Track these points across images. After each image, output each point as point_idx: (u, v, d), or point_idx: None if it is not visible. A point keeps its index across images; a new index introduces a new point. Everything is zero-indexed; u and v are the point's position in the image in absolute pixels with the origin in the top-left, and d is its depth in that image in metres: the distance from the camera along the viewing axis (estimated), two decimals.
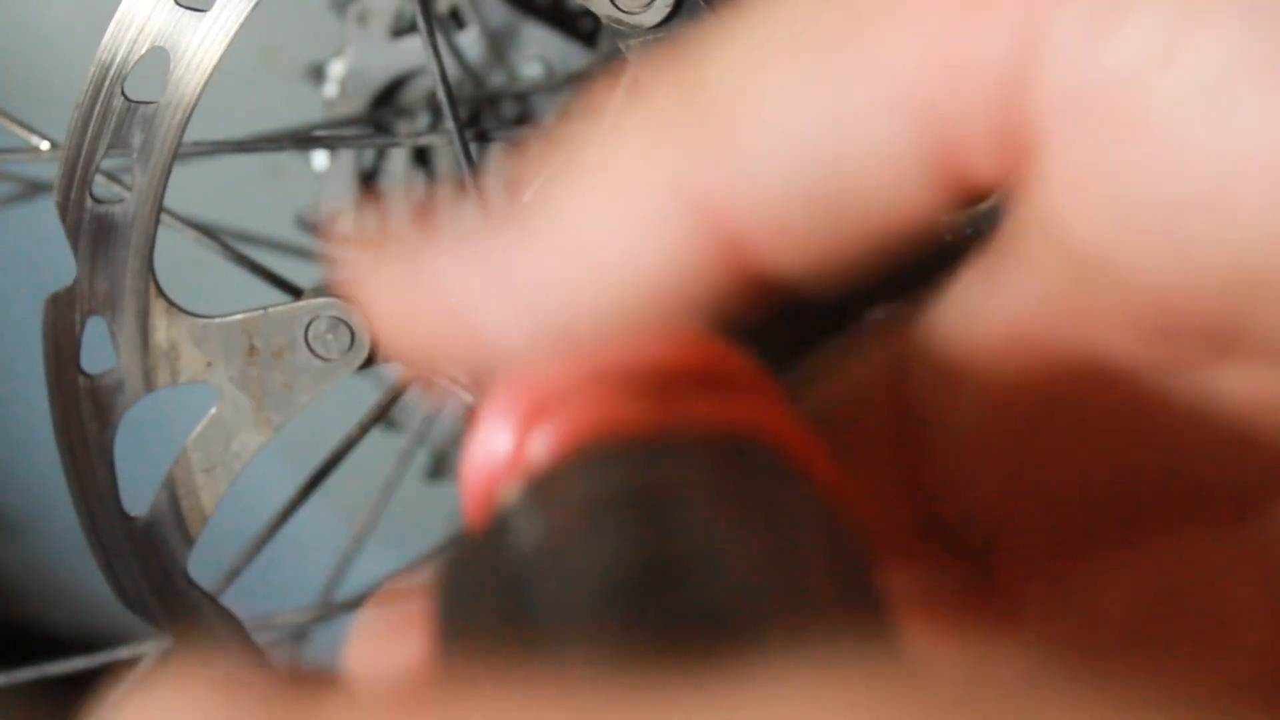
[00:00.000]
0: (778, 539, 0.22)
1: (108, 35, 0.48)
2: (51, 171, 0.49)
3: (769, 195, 0.24)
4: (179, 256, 0.56)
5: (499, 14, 0.81)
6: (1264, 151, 0.22)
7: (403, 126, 0.84)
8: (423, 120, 0.84)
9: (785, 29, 0.25)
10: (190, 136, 0.49)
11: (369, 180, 0.87)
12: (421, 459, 0.91)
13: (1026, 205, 0.25)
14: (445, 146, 0.81)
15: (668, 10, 0.48)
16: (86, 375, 0.50)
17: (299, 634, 0.89)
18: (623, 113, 0.26)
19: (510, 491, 0.25)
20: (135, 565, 0.51)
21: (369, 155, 0.87)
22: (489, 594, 0.22)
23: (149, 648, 0.57)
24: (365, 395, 0.64)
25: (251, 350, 0.50)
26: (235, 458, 0.50)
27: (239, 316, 0.50)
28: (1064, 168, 0.24)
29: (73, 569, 1.20)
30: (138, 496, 0.51)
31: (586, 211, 0.26)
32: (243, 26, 0.48)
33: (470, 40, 0.81)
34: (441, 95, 0.53)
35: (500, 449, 0.26)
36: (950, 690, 0.17)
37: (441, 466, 0.92)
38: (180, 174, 0.49)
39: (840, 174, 0.24)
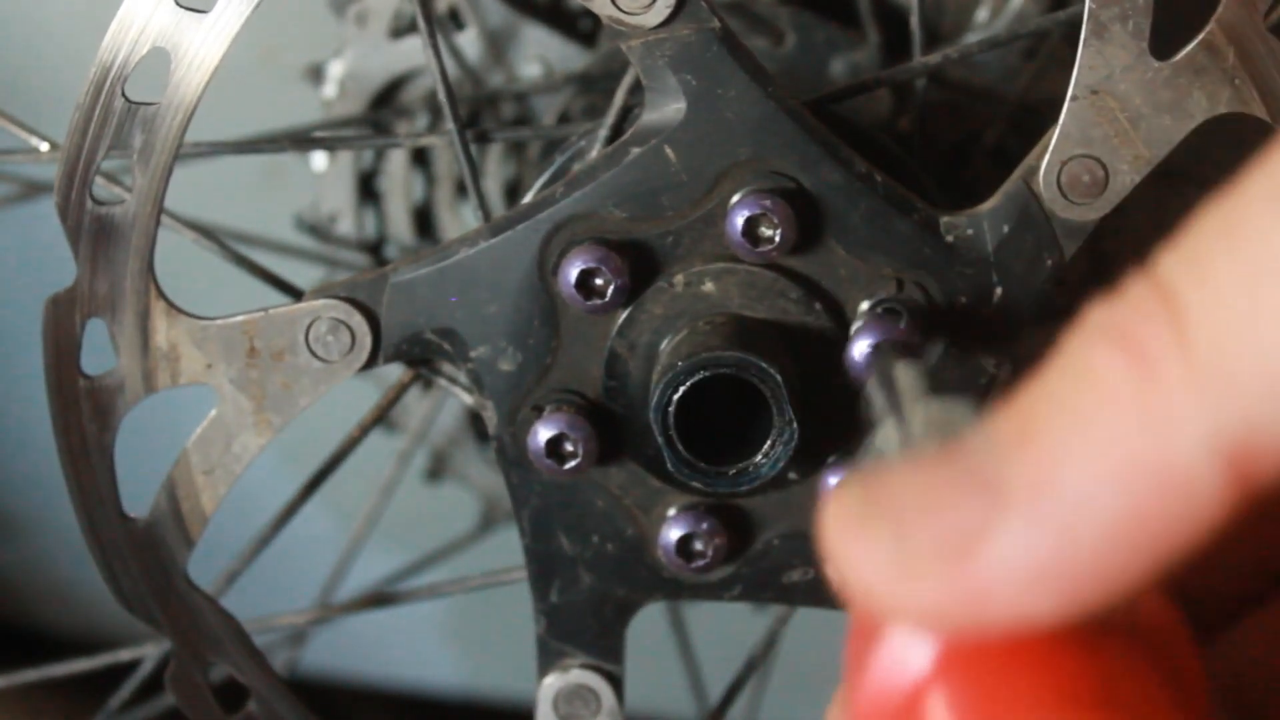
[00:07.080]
0: None
1: (108, 36, 0.48)
2: (51, 172, 0.49)
3: None
4: (179, 258, 0.56)
5: (499, 14, 0.81)
6: None
7: (402, 126, 0.84)
8: (422, 120, 0.84)
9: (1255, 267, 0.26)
10: (190, 137, 0.49)
11: (368, 180, 0.87)
12: (421, 459, 0.91)
13: None
14: (445, 146, 0.81)
15: (669, 11, 0.48)
16: (86, 377, 0.50)
17: (298, 635, 0.89)
18: (1080, 376, 0.28)
19: None
20: (135, 567, 0.51)
21: (368, 155, 0.87)
22: None
23: (149, 649, 0.57)
24: (365, 396, 0.64)
25: (252, 352, 0.50)
26: (235, 459, 0.50)
27: (239, 318, 0.50)
28: None
29: (73, 570, 1.20)
30: (137, 498, 0.51)
31: (1082, 467, 0.27)
32: (243, 27, 0.48)
33: (470, 40, 0.81)
34: (441, 95, 0.53)
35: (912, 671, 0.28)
36: None
37: (441, 467, 0.92)
38: (181, 175, 0.49)
39: None
